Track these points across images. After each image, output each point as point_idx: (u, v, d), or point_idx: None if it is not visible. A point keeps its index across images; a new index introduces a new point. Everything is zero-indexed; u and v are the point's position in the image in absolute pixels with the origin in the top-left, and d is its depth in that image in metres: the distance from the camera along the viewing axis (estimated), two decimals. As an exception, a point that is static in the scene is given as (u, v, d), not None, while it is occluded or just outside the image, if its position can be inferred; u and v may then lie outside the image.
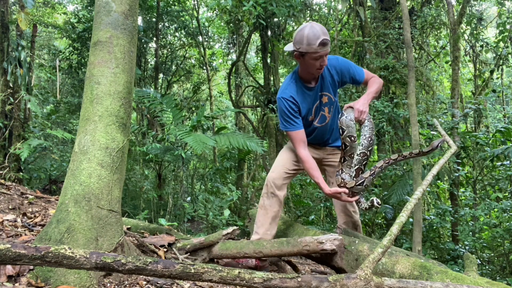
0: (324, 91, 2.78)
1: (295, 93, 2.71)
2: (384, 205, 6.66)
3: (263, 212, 2.85)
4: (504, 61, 8.40)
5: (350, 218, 2.93)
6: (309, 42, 2.49)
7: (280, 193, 2.83)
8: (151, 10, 11.25)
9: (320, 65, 2.58)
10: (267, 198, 2.84)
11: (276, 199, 2.82)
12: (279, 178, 2.82)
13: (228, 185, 8.24)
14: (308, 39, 2.48)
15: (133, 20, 2.50)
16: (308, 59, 2.56)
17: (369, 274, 1.55)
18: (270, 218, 2.83)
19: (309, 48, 2.50)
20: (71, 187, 2.15)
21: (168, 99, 6.63)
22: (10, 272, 1.96)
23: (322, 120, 2.84)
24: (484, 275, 5.32)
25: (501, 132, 5.86)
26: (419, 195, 2.01)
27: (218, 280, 1.46)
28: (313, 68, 2.61)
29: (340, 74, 2.77)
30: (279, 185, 2.82)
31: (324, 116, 2.84)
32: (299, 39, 2.53)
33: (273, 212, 2.83)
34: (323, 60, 2.56)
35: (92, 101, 2.30)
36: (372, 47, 8.05)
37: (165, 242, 2.77)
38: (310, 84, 2.75)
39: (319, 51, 2.50)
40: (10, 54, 6.96)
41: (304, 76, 2.73)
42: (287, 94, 2.71)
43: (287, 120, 2.72)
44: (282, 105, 2.71)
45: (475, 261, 2.23)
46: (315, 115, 2.81)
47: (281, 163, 2.89)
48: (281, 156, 2.95)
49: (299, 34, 2.53)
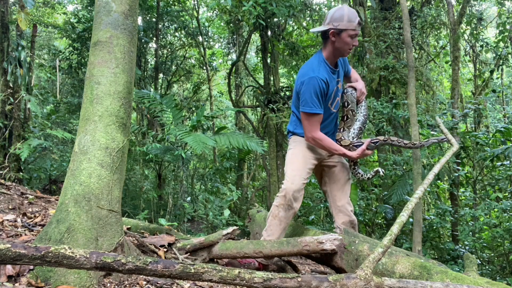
0: (340, 78, 2.90)
1: (326, 74, 2.73)
2: (384, 205, 6.66)
3: (277, 222, 2.80)
4: (504, 61, 8.39)
5: (348, 217, 2.93)
6: (350, 19, 2.63)
7: (297, 205, 2.79)
8: (151, 10, 11.24)
9: (353, 45, 2.71)
10: (283, 210, 2.78)
11: (293, 212, 2.79)
12: (298, 190, 2.76)
13: (228, 185, 8.24)
14: (349, 17, 2.64)
15: (133, 20, 2.50)
16: (345, 36, 2.65)
17: (369, 274, 1.55)
18: (282, 229, 2.82)
19: (349, 25, 2.63)
20: (71, 187, 2.15)
21: (168, 99, 6.63)
22: (10, 272, 1.96)
23: (336, 106, 2.90)
24: (484, 275, 5.32)
25: (501, 132, 5.86)
26: (420, 195, 2.01)
27: (218, 280, 1.46)
28: (347, 47, 2.70)
29: (343, 63, 2.94)
30: (297, 196, 2.78)
31: (338, 102, 2.92)
32: (339, 16, 2.64)
33: (286, 224, 2.83)
34: (356, 41, 2.70)
35: (92, 101, 2.30)
36: (372, 47, 8.05)
37: (165, 242, 2.77)
38: (335, 68, 2.84)
39: (356, 29, 2.65)
40: (10, 54, 6.96)
41: (331, 58, 2.79)
42: (322, 74, 2.67)
43: (315, 101, 2.65)
44: (316, 85, 2.64)
45: (475, 261, 2.23)
46: (333, 100, 2.85)
47: (298, 172, 2.80)
48: (295, 165, 2.84)
49: (338, 13, 2.65)
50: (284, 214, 2.78)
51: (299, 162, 2.84)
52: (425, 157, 6.32)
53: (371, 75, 7.97)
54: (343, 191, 2.95)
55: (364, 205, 6.90)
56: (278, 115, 8.50)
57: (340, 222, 2.92)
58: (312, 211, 7.80)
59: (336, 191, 2.96)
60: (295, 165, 2.84)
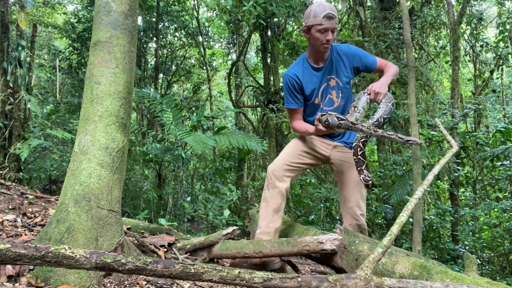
0: (333, 75, 2.83)
1: (301, 72, 2.81)
2: (384, 205, 6.66)
3: (265, 204, 2.83)
4: (504, 61, 8.40)
5: (356, 221, 2.87)
6: (315, 15, 2.63)
7: (281, 184, 2.80)
8: (151, 10, 11.24)
9: (326, 40, 2.64)
10: (267, 190, 2.83)
11: (277, 190, 2.79)
12: (279, 169, 2.82)
13: (228, 185, 8.24)
14: (314, 12, 2.63)
15: (133, 20, 2.50)
16: (314, 32, 2.65)
17: (369, 274, 1.55)
18: (272, 211, 2.79)
19: (315, 20, 2.62)
20: (71, 187, 2.15)
21: (168, 99, 6.63)
22: (10, 272, 1.96)
23: (330, 104, 2.86)
24: (484, 275, 5.32)
25: (501, 132, 5.86)
26: (420, 195, 2.01)
27: (218, 280, 1.46)
28: (319, 42, 2.67)
29: (351, 59, 2.82)
30: (279, 176, 2.81)
31: (332, 100, 2.86)
32: (307, 13, 2.69)
33: (275, 204, 2.79)
34: (328, 35, 2.63)
35: (92, 101, 2.30)
36: (372, 47, 8.05)
37: (165, 242, 2.77)
38: (317, 65, 2.82)
39: (323, 23, 2.60)
40: (10, 54, 6.96)
41: (312, 55, 2.81)
42: (291, 72, 2.83)
43: (287, 97, 2.84)
44: (284, 82, 2.84)
45: (475, 261, 2.22)
46: (322, 97, 2.84)
47: (283, 155, 2.91)
48: (285, 149, 2.98)
49: (308, 10, 2.69)
50: (269, 194, 2.81)
51: (290, 147, 2.96)
52: (425, 157, 6.32)
53: (371, 75, 7.97)
54: (353, 193, 2.88)
55: (364, 205, 6.88)
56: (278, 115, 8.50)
57: (347, 225, 2.89)
58: (312, 211, 7.80)
59: (345, 192, 2.92)
60: (285, 150, 2.98)
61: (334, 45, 2.85)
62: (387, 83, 2.63)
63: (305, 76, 2.81)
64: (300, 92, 2.83)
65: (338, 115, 2.55)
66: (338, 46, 2.85)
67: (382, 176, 7.01)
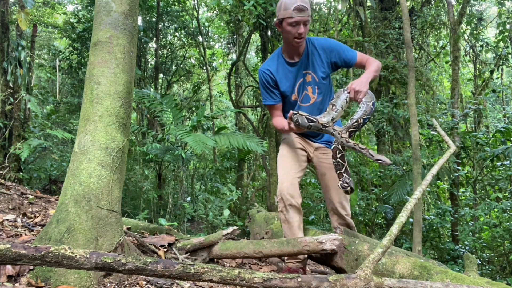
0: (309, 70, 2.72)
1: (275, 67, 2.72)
2: (384, 205, 6.66)
3: (287, 226, 2.73)
4: (504, 61, 8.40)
5: (343, 221, 2.85)
6: (285, 7, 2.52)
7: (296, 200, 2.70)
8: (151, 10, 11.24)
9: (298, 34, 2.54)
10: (286, 212, 2.71)
11: (294, 208, 2.70)
12: (290, 187, 2.70)
13: (228, 185, 8.24)
14: (285, 4, 2.53)
15: (133, 20, 2.50)
16: (285, 25, 2.55)
17: (369, 274, 1.55)
18: (296, 228, 2.72)
19: (286, 13, 2.52)
20: (71, 187, 2.15)
21: (168, 99, 6.63)
22: (10, 272, 1.96)
23: (306, 100, 2.76)
24: (484, 275, 5.32)
25: (501, 132, 5.87)
26: (419, 195, 2.01)
27: (218, 280, 1.46)
28: (291, 36, 2.57)
29: (328, 54, 2.69)
30: (292, 193, 2.69)
31: (308, 96, 2.75)
32: (278, 6, 2.59)
33: (296, 222, 2.71)
34: (300, 28, 2.52)
35: (92, 101, 2.30)
36: (372, 47, 8.05)
37: (165, 242, 2.77)
38: (292, 60, 2.72)
39: (294, 16, 2.50)
40: (10, 54, 6.96)
41: (287, 50, 2.71)
42: (265, 67, 2.75)
43: (263, 92, 2.76)
44: (259, 78, 2.77)
45: (475, 261, 2.23)
46: (298, 93, 2.74)
47: (287, 170, 2.75)
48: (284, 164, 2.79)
49: (278, 3, 2.59)
50: (288, 215, 2.71)
51: (284, 159, 2.82)
52: (425, 157, 6.32)
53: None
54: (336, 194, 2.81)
55: (364, 205, 6.90)
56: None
57: (336, 224, 2.87)
58: (312, 211, 7.80)
59: (328, 194, 2.85)
60: (281, 165, 2.82)
61: (311, 39, 2.74)
62: (367, 81, 2.48)
63: (280, 72, 2.72)
64: (275, 88, 2.73)
65: (309, 116, 2.44)
66: (315, 40, 2.74)
67: (382, 176, 7.01)
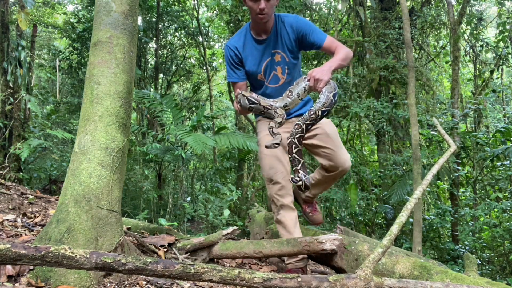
0: (278, 49, 2.60)
1: (242, 44, 2.62)
2: (384, 205, 6.66)
3: (281, 226, 2.68)
4: (504, 61, 8.40)
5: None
6: None
7: (287, 199, 2.64)
8: (151, 10, 11.24)
9: (260, 9, 2.42)
10: (278, 214, 2.67)
11: (287, 208, 2.64)
12: (279, 187, 2.64)
13: (228, 185, 8.24)
14: None
15: (133, 20, 2.50)
16: (248, 1, 2.46)
17: (369, 274, 1.55)
18: (292, 227, 2.67)
19: None
20: (71, 187, 2.15)
21: (168, 99, 6.63)
22: (10, 272, 1.96)
23: (275, 81, 2.66)
24: (484, 275, 5.32)
25: (501, 132, 5.87)
26: (419, 195, 2.01)
27: (218, 280, 1.46)
28: (253, 12, 2.47)
29: (296, 32, 2.57)
30: (282, 193, 2.64)
31: (277, 77, 2.64)
32: None
33: (291, 221, 2.65)
34: (261, 3, 2.41)
35: (92, 101, 2.30)
36: (372, 47, 8.05)
37: (165, 242, 2.77)
38: (260, 37, 2.61)
39: None
40: (10, 54, 6.96)
41: (254, 26, 2.61)
42: (231, 43, 2.66)
43: (228, 69, 2.65)
44: (225, 53, 2.67)
45: (475, 261, 2.23)
46: (265, 73, 2.64)
47: (273, 172, 2.64)
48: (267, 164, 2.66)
49: None
50: (281, 215, 2.67)
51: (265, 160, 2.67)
52: (425, 157, 6.32)
53: (371, 75, 7.98)
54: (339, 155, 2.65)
55: (364, 205, 6.90)
56: (278, 115, 8.46)
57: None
58: (312, 211, 7.78)
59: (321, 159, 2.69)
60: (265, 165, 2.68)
61: (281, 15, 2.62)
62: (330, 69, 2.29)
63: (246, 49, 2.61)
64: (240, 65, 2.63)
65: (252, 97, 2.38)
66: (285, 16, 2.61)
67: (382, 176, 7.01)
